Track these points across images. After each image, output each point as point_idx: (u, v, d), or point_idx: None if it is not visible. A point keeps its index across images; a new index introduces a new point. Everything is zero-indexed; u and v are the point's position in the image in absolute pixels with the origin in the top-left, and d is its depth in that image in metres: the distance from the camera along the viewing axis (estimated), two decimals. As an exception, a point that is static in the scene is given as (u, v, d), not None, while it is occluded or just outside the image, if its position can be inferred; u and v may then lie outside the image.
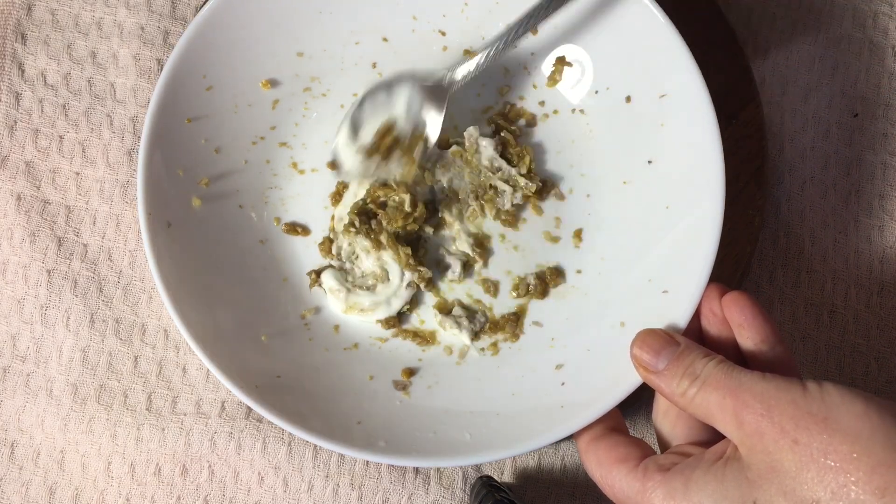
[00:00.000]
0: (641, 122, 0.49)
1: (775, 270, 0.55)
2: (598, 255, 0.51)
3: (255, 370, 0.46)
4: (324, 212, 0.52)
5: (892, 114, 0.57)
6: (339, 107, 0.53)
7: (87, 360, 0.53)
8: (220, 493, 0.52)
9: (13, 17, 0.57)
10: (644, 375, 0.41)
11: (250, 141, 0.52)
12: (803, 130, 0.56)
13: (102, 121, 0.56)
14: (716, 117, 0.46)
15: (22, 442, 0.53)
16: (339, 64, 0.53)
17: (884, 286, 0.54)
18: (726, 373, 0.37)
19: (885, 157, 0.56)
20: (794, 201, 0.55)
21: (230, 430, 0.52)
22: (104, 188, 0.55)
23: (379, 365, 0.49)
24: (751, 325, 0.41)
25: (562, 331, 0.49)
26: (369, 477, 0.52)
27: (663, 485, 0.37)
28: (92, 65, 0.56)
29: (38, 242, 0.54)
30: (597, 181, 0.51)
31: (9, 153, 0.55)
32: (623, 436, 0.42)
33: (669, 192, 0.48)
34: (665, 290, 0.45)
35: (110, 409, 0.52)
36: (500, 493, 0.48)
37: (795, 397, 0.34)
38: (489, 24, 0.52)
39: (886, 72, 0.57)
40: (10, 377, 0.53)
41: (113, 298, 0.54)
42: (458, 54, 0.53)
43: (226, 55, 0.50)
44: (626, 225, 0.50)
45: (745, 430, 0.35)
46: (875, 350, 0.54)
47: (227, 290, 0.49)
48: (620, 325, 0.46)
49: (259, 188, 0.52)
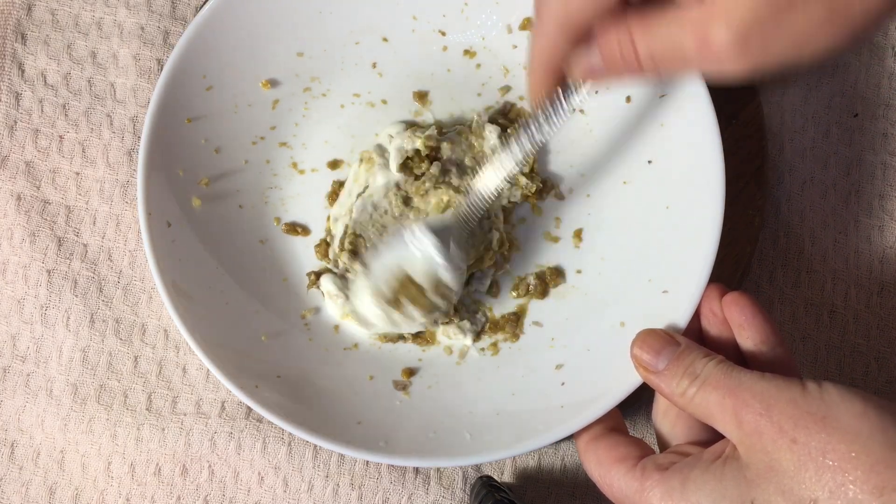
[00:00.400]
0: (641, 122, 0.49)
1: (775, 270, 0.55)
2: (598, 255, 0.51)
3: (255, 370, 0.46)
4: (323, 211, 0.52)
5: (892, 114, 0.57)
6: (339, 107, 0.53)
7: (87, 360, 0.53)
8: (220, 493, 0.52)
9: (13, 17, 0.57)
10: (644, 375, 0.41)
11: (250, 141, 0.52)
12: (803, 130, 0.56)
13: (102, 121, 0.56)
14: (716, 117, 0.46)
15: (22, 442, 0.53)
16: (339, 64, 0.53)
17: (884, 286, 0.54)
18: (726, 373, 0.37)
19: (885, 157, 0.56)
20: (794, 201, 0.55)
21: (230, 430, 0.52)
22: (104, 188, 0.55)
23: (379, 365, 0.49)
24: (751, 326, 0.41)
25: (562, 331, 0.49)
26: (369, 477, 0.52)
27: (661, 484, 0.37)
28: (92, 65, 0.56)
29: (38, 242, 0.54)
30: (597, 181, 0.51)
31: (9, 153, 0.55)
32: (622, 436, 0.42)
33: (669, 192, 0.48)
34: (665, 290, 0.45)
35: (110, 409, 0.52)
36: (500, 493, 0.48)
37: (794, 396, 0.34)
38: (489, 24, 0.52)
39: (886, 72, 0.57)
40: (10, 377, 0.53)
41: (113, 298, 0.54)
42: (459, 54, 0.53)
43: (226, 55, 0.50)
44: (626, 225, 0.50)
45: (743, 429, 0.35)
46: (875, 350, 0.54)
47: (227, 290, 0.49)
48: (620, 325, 0.46)
49: (259, 188, 0.52)
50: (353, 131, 0.53)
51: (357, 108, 0.53)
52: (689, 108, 0.47)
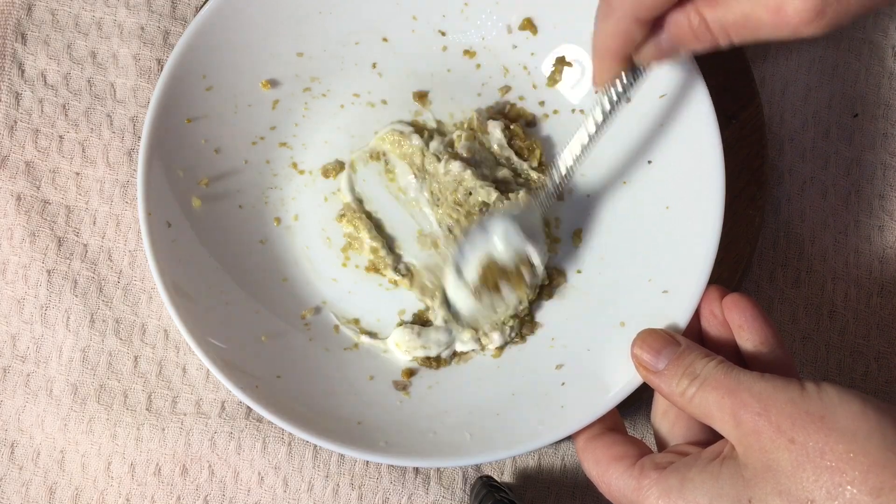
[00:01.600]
0: (641, 122, 0.49)
1: (775, 270, 0.55)
2: (598, 255, 0.51)
3: (255, 370, 0.46)
4: (324, 212, 0.52)
5: (892, 114, 0.57)
6: (339, 107, 0.53)
7: (87, 360, 0.53)
8: (220, 493, 0.52)
9: (13, 17, 0.57)
10: (644, 375, 0.41)
11: (250, 141, 0.52)
12: (803, 130, 0.56)
13: (102, 121, 0.56)
14: (716, 117, 0.46)
15: (22, 442, 0.53)
16: (339, 64, 0.53)
17: (884, 286, 0.54)
18: (725, 373, 0.37)
19: (885, 157, 0.56)
20: (794, 201, 0.55)
21: (230, 430, 0.52)
22: (104, 188, 0.55)
23: (379, 365, 0.49)
24: (751, 327, 0.41)
25: (562, 331, 0.49)
26: (369, 477, 0.52)
27: (659, 483, 0.37)
28: (92, 65, 0.56)
29: (38, 242, 0.54)
30: (597, 181, 0.51)
31: (9, 153, 0.55)
32: (621, 435, 0.42)
33: (669, 192, 0.48)
34: (665, 290, 0.45)
35: (110, 409, 0.53)
36: (500, 493, 0.48)
37: (793, 396, 0.34)
38: (489, 24, 0.52)
39: (886, 72, 0.57)
40: (10, 377, 0.53)
41: (113, 298, 0.54)
42: (459, 54, 0.53)
43: (226, 55, 0.50)
44: (626, 225, 0.50)
45: (742, 429, 0.35)
46: (875, 350, 0.54)
47: (227, 290, 0.49)
48: (620, 325, 0.46)
49: (259, 188, 0.52)
50: (353, 131, 0.53)
51: (357, 109, 0.53)
52: (689, 108, 0.47)
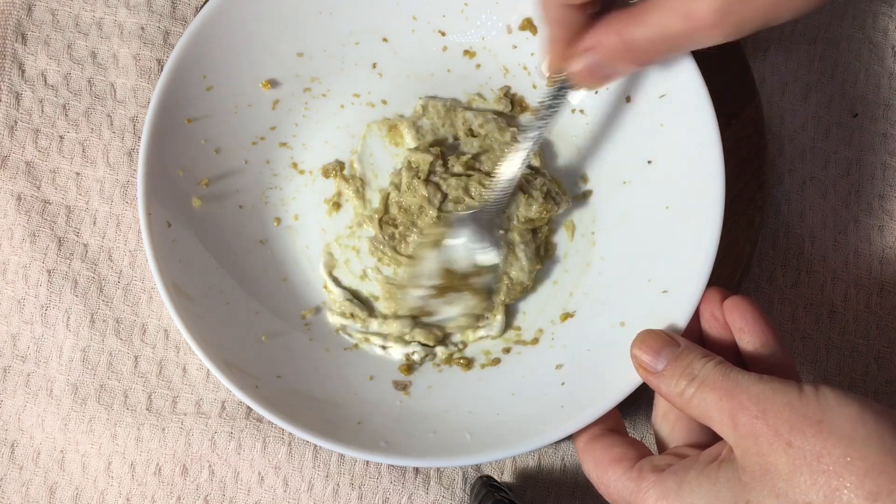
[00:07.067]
0: (641, 122, 0.49)
1: (775, 270, 0.55)
2: (598, 255, 0.51)
3: (255, 370, 0.46)
4: (323, 211, 0.52)
5: (892, 114, 0.57)
6: (339, 107, 0.53)
7: (88, 360, 0.53)
8: (220, 493, 0.52)
9: (13, 17, 0.57)
10: (643, 376, 0.41)
11: (250, 141, 0.52)
12: (803, 130, 0.56)
13: (102, 121, 0.56)
14: (716, 117, 0.46)
15: (22, 442, 0.53)
16: (339, 64, 0.53)
17: (884, 286, 0.54)
18: (724, 374, 0.37)
19: (885, 157, 0.56)
20: (794, 201, 0.55)
21: (230, 430, 0.52)
22: (104, 188, 0.55)
23: (379, 365, 0.49)
24: (751, 329, 0.41)
25: (562, 331, 0.49)
26: (369, 477, 0.52)
27: (657, 485, 0.37)
28: (92, 65, 0.56)
29: (38, 242, 0.54)
30: (597, 181, 0.51)
31: (9, 153, 0.55)
32: (620, 436, 0.42)
33: (669, 192, 0.48)
34: (665, 290, 0.45)
35: (110, 408, 0.53)
36: (500, 493, 0.48)
37: (791, 400, 0.34)
38: (489, 24, 0.52)
39: (886, 72, 0.57)
40: (10, 377, 0.53)
41: (113, 298, 0.54)
42: (459, 54, 0.53)
43: (226, 55, 0.50)
44: (626, 225, 0.50)
45: (740, 431, 0.35)
46: (875, 350, 0.54)
47: (227, 289, 0.49)
48: (620, 325, 0.46)
49: (259, 188, 0.52)
50: (353, 131, 0.53)
51: (357, 109, 0.53)
52: (689, 108, 0.47)
